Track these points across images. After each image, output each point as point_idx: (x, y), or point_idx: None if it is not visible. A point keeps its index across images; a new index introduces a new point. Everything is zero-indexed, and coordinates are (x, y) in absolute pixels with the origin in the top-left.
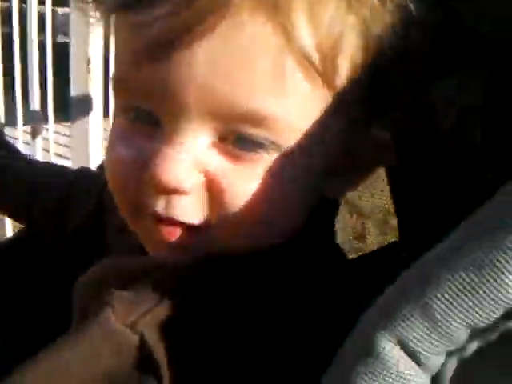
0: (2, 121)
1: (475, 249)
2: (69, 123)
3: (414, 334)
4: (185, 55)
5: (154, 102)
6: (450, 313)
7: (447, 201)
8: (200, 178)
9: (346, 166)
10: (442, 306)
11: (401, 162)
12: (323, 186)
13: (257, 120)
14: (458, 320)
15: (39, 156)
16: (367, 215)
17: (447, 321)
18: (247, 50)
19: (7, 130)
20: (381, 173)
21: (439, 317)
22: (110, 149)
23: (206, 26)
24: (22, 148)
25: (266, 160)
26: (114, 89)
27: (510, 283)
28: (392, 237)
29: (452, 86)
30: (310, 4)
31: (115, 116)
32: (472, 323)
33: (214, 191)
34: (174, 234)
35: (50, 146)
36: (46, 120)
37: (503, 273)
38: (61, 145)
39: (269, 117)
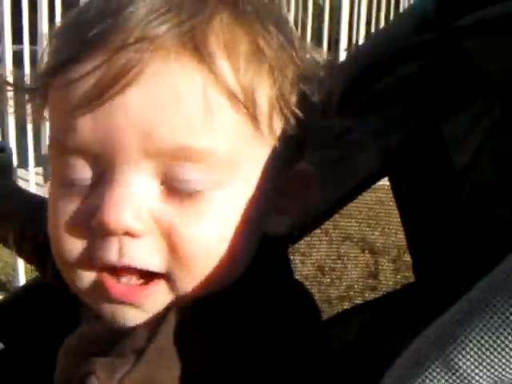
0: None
1: (500, 306)
2: None
3: None
4: (120, 100)
5: (95, 152)
6: (477, 370)
7: (462, 240)
8: (149, 222)
9: (281, 201)
10: (468, 363)
11: (414, 203)
12: (265, 222)
13: (192, 156)
14: (484, 376)
15: None
16: (380, 252)
17: (472, 377)
18: (176, 91)
19: (19, 172)
20: (393, 208)
21: (465, 373)
22: (53, 218)
23: (138, 72)
24: (34, 190)
25: (209, 198)
26: (53, 153)
27: None
28: (406, 274)
29: (465, 123)
30: (227, 49)
31: (53, 186)
32: (498, 377)
33: (165, 235)
34: (124, 284)
35: None
36: None
37: None
38: None
39: (203, 152)
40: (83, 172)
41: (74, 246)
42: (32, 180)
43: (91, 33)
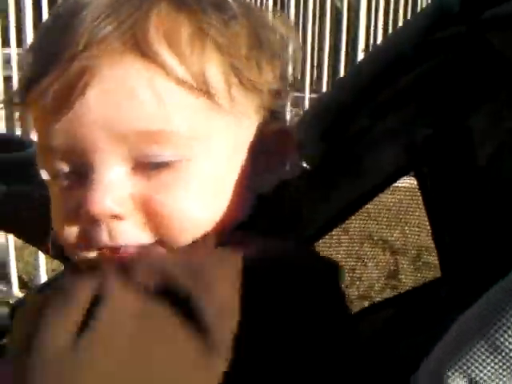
0: None
1: None
2: None
3: (485, 371)
4: (81, 103)
5: (72, 151)
6: None
7: (488, 233)
8: (130, 203)
9: (263, 161)
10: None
11: (439, 198)
12: (254, 180)
13: (152, 138)
14: None
15: None
16: (400, 252)
17: None
18: (127, 87)
19: None
20: (412, 209)
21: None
22: (54, 211)
23: (90, 76)
24: None
25: (179, 171)
26: (40, 159)
27: None
28: (426, 273)
29: (489, 117)
30: (167, 38)
31: (49, 183)
32: None
33: (147, 212)
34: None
35: None
36: None
37: None
38: None
39: (162, 133)
40: (65, 167)
41: (71, 233)
42: None
43: (50, 48)
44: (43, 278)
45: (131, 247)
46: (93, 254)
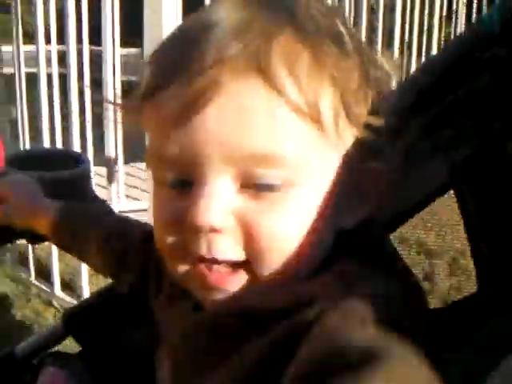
0: None
1: None
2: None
3: None
4: (199, 119)
5: (184, 162)
6: None
7: None
8: (232, 220)
9: (353, 198)
10: None
11: (480, 214)
12: (339, 217)
13: (264, 160)
14: None
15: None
16: (436, 255)
17: None
18: (246, 108)
19: None
20: (448, 212)
21: None
22: (155, 215)
23: (214, 92)
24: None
25: (283, 196)
26: (150, 165)
27: None
28: (461, 278)
29: None
30: (288, 66)
31: (154, 187)
32: None
33: (245, 230)
34: (216, 271)
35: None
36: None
37: None
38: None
39: (273, 157)
40: (175, 177)
41: (171, 240)
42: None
43: (175, 60)
44: (84, 279)
45: (223, 268)
46: (186, 267)
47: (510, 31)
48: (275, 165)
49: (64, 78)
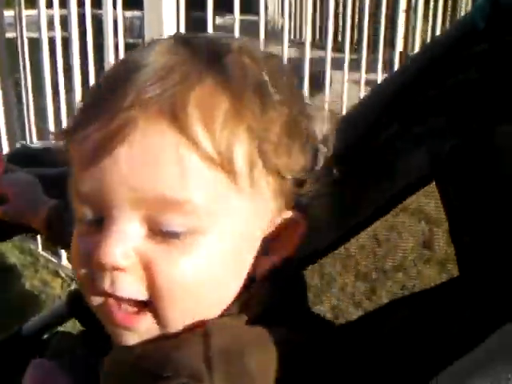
0: None
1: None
2: None
3: None
4: (109, 160)
5: (95, 201)
6: None
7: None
8: (136, 260)
9: (268, 245)
10: None
11: (462, 203)
12: (253, 262)
13: (170, 206)
14: None
15: None
16: (435, 222)
17: None
18: (156, 153)
19: None
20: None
21: None
22: (72, 247)
23: (124, 136)
24: None
25: (188, 242)
26: (72, 194)
27: None
28: None
29: None
30: (203, 114)
31: (76, 224)
32: None
33: (146, 271)
34: (124, 309)
35: None
36: None
37: None
38: None
39: (180, 203)
40: (89, 213)
41: (84, 272)
42: None
43: (99, 100)
44: None
45: (130, 307)
46: (99, 300)
47: (493, 27)
48: (180, 211)
49: (66, 42)
